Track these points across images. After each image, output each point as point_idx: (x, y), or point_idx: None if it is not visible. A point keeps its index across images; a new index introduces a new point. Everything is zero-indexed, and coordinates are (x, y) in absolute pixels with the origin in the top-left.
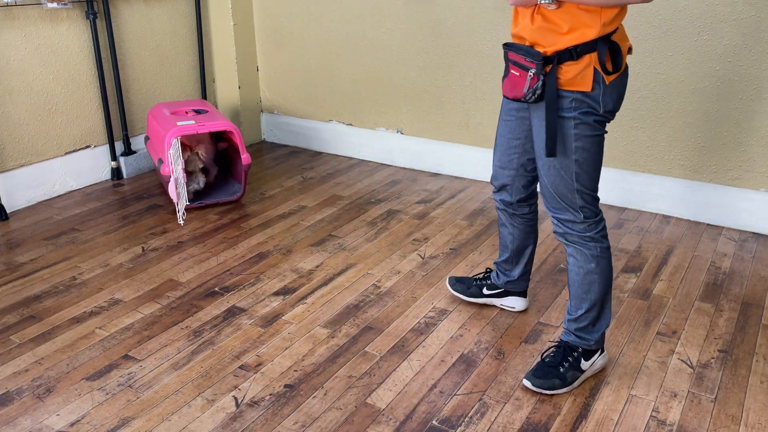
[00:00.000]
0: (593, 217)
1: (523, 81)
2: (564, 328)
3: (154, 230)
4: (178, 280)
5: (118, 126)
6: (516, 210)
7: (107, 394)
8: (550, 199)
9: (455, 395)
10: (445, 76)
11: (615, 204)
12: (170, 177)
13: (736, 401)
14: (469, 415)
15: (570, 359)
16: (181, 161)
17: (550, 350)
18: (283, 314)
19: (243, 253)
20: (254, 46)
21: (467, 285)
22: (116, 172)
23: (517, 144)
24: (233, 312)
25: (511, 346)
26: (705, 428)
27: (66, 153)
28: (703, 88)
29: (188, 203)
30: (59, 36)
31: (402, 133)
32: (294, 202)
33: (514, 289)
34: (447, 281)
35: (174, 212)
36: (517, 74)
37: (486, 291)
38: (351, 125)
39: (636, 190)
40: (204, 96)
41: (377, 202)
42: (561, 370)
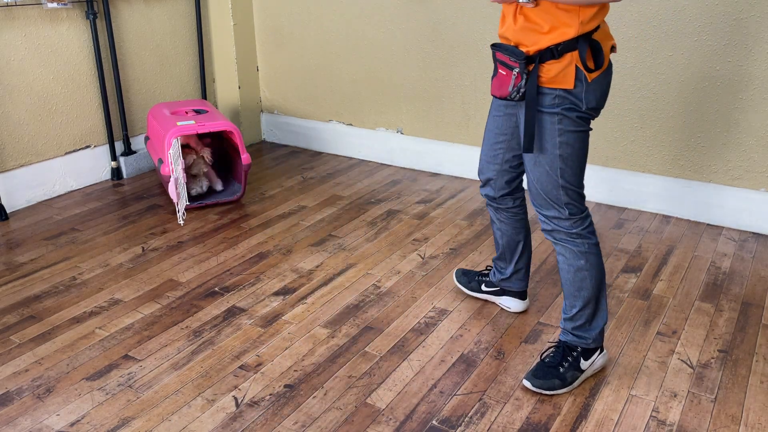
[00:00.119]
0: (579, 214)
1: (509, 80)
2: (561, 328)
3: (154, 230)
4: (178, 280)
5: (118, 126)
6: (500, 204)
7: (107, 394)
8: (536, 196)
9: (455, 395)
10: (445, 76)
11: (615, 204)
12: (170, 177)
13: (736, 401)
14: (469, 415)
15: (569, 359)
16: (182, 161)
17: (550, 350)
18: (283, 314)
19: (243, 253)
20: (254, 46)
21: (469, 279)
22: (116, 172)
23: (503, 140)
24: (233, 312)
25: (511, 346)
26: (705, 428)
27: (66, 153)
28: (703, 88)
29: (188, 203)
30: (59, 36)
31: (402, 133)
32: (294, 202)
33: (510, 288)
34: (454, 272)
35: (174, 212)
36: (504, 73)
37: (484, 288)
38: (351, 125)
39: (636, 190)
40: (204, 96)
41: (377, 202)
42: (561, 371)
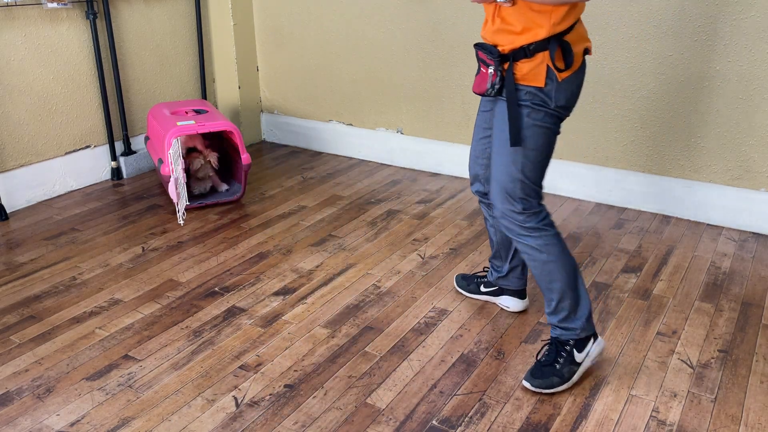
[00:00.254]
0: (532, 209)
1: (487, 77)
2: (549, 325)
3: (154, 230)
4: (178, 280)
5: (118, 126)
6: (490, 200)
7: (107, 394)
8: (494, 188)
9: (455, 395)
10: (445, 76)
11: (615, 204)
12: (170, 177)
13: (736, 401)
14: (469, 415)
15: (564, 354)
16: (182, 161)
17: (544, 349)
18: (283, 314)
19: (243, 253)
20: (254, 46)
21: (468, 281)
22: (116, 172)
23: (490, 134)
24: (233, 312)
25: (511, 346)
26: (705, 428)
27: (66, 153)
28: (703, 88)
29: (188, 203)
30: (59, 36)
31: (402, 133)
32: (294, 202)
33: (508, 287)
34: (454, 278)
35: (174, 212)
36: (484, 71)
37: (483, 288)
38: (351, 125)
39: (636, 190)
40: (204, 96)
41: (377, 202)
42: (557, 367)
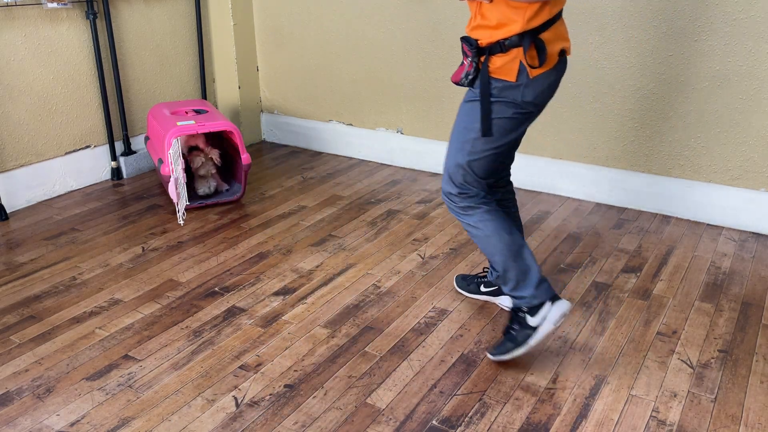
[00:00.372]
0: (468, 193)
1: (464, 67)
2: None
3: (154, 230)
4: (178, 280)
5: (118, 126)
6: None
7: (107, 394)
8: (444, 170)
9: (455, 395)
10: (445, 76)
11: (615, 204)
12: (170, 177)
13: (736, 401)
14: (469, 415)
15: (518, 320)
16: (182, 161)
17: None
18: (283, 314)
19: (243, 253)
20: (254, 46)
21: (468, 282)
22: (116, 172)
23: None
24: (233, 312)
25: None
26: (705, 428)
27: (66, 153)
28: (703, 88)
29: (188, 203)
30: (59, 36)
31: (402, 133)
32: (294, 202)
33: None
34: (454, 279)
35: (174, 212)
36: (464, 62)
37: (483, 288)
38: (351, 125)
39: (636, 190)
40: (204, 96)
41: (377, 202)
42: (513, 333)
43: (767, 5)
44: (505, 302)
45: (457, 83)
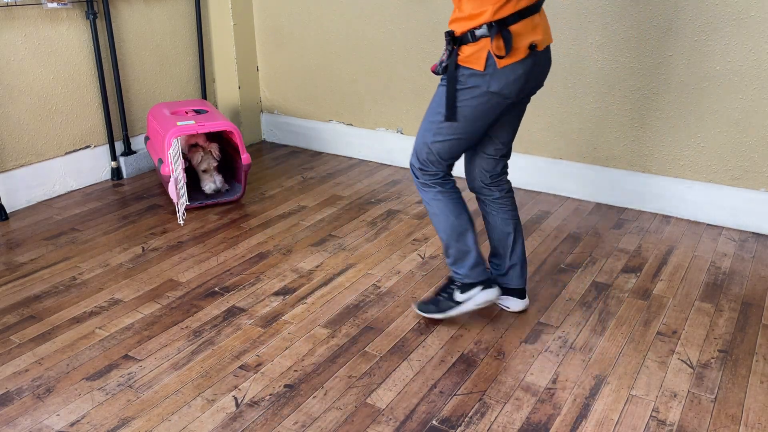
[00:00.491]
0: (429, 171)
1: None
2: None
3: (154, 230)
4: (178, 280)
5: (118, 126)
6: (486, 195)
7: (107, 394)
8: (414, 144)
9: (455, 395)
10: None
11: (615, 204)
12: (170, 177)
13: (736, 401)
14: (469, 415)
15: (448, 290)
16: (182, 161)
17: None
18: (283, 314)
19: (243, 253)
20: (254, 46)
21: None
22: (116, 172)
23: None
24: (233, 312)
25: (511, 346)
26: (705, 428)
27: (66, 153)
28: (703, 88)
29: (188, 203)
30: (59, 36)
31: (402, 133)
32: (294, 202)
33: (508, 285)
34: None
35: (174, 212)
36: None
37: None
38: (351, 125)
39: (636, 190)
40: (204, 96)
41: (377, 202)
42: (438, 299)
43: (767, 5)
44: (505, 302)
45: (434, 72)
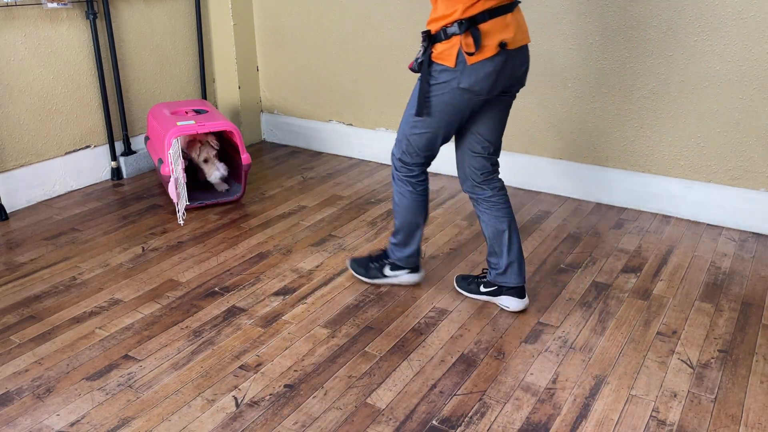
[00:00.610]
0: (406, 164)
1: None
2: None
3: (154, 230)
4: (178, 280)
5: (118, 126)
6: (479, 195)
7: (107, 394)
8: (396, 135)
9: (455, 395)
10: None
11: (615, 204)
12: (170, 177)
13: (736, 401)
14: (469, 415)
15: (381, 261)
16: (182, 161)
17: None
18: (283, 314)
19: (243, 253)
20: (254, 46)
21: (468, 282)
22: (116, 172)
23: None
24: (233, 312)
25: (511, 346)
26: (705, 428)
27: (66, 153)
28: (703, 88)
29: (188, 203)
30: (59, 36)
31: None
32: (294, 202)
33: (507, 284)
34: (454, 279)
35: (174, 212)
36: None
37: (482, 288)
38: (351, 125)
39: (636, 190)
40: (204, 96)
41: (377, 202)
42: (371, 266)
43: (767, 5)
44: (505, 302)
45: (411, 69)
